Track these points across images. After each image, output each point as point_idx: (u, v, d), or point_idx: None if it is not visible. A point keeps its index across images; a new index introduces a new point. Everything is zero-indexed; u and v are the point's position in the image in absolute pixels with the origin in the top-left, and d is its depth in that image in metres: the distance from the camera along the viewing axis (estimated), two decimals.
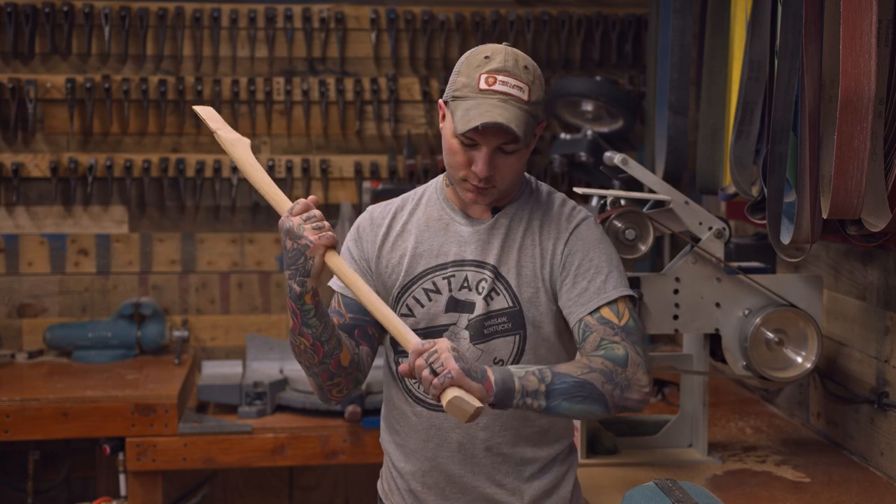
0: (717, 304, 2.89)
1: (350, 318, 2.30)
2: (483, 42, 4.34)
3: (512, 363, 2.27)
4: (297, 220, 2.13)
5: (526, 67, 2.19)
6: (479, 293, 2.28)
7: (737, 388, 3.77)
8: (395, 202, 2.40)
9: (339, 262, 2.15)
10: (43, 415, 3.67)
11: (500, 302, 2.27)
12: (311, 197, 2.17)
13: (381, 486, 2.48)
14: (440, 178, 2.39)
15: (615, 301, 2.25)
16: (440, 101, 2.27)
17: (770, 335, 2.87)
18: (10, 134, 4.23)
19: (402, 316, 2.26)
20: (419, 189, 2.41)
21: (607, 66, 4.48)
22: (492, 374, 2.06)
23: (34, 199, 4.28)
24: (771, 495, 2.71)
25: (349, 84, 4.36)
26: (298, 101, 4.36)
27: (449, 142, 2.22)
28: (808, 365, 2.87)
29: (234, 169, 4.30)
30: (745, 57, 2.79)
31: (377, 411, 3.47)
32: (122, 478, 3.75)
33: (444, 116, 2.26)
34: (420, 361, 2.03)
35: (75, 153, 4.27)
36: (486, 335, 2.27)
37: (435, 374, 2.01)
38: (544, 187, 2.38)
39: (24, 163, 4.23)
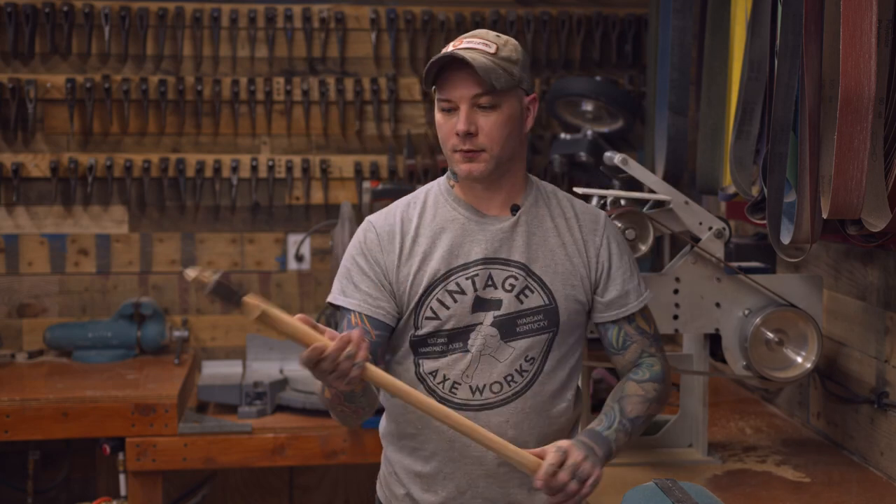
0: (717, 304, 2.88)
1: (377, 335, 2.26)
2: None
3: (540, 360, 2.28)
4: (314, 374, 2.05)
5: (498, 35, 2.22)
6: (508, 290, 2.25)
7: (737, 388, 3.77)
8: (395, 210, 2.33)
9: (379, 375, 2.10)
10: (43, 415, 3.66)
11: (535, 300, 2.26)
12: (332, 339, 2.01)
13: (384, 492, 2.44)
14: (442, 179, 2.35)
15: (646, 307, 2.39)
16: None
17: (770, 335, 2.87)
18: (10, 134, 4.23)
19: (426, 319, 2.25)
20: (418, 193, 2.35)
21: (607, 66, 4.48)
22: (599, 452, 2.21)
23: (34, 199, 4.28)
24: (771, 495, 2.70)
25: (349, 84, 4.36)
26: (298, 101, 4.36)
27: (436, 119, 2.23)
28: (808, 365, 2.86)
29: (234, 169, 4.31)
30: (745, 57, 2.79)
31: (379, 411, 3.44)
32: (122, 478, 3.75)
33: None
34: (564, 476, 2.13)
35: (75, 153, 4.27)
36: (518, 333, 2.26)
37: (581, 483, 2.15)
38: (548, 185, 2.38)
39: (24, 163, 4.23)
